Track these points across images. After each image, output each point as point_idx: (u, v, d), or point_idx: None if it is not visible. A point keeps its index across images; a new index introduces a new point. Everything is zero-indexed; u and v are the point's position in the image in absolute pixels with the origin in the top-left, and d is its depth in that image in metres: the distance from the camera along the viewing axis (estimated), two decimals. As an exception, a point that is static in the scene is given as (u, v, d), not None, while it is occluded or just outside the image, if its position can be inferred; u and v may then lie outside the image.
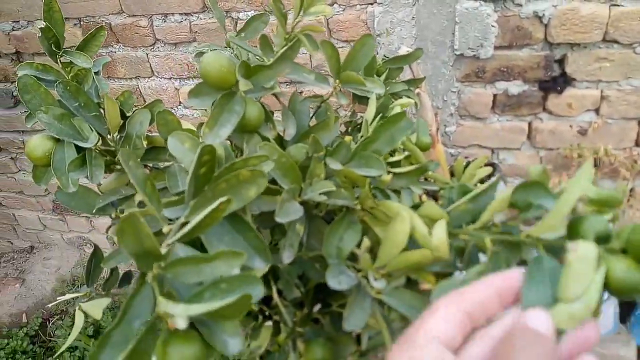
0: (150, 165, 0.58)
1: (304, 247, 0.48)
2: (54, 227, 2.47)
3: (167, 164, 0.57)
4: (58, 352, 0.96)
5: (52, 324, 2.25)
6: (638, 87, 1.33)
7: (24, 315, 2.30)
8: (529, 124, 1.51)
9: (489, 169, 0.73)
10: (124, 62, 1.80)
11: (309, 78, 0.50)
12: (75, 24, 1.76)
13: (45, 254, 2.58)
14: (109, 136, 0.54)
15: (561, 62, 1.36)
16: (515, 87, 1.42)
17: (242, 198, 0.37)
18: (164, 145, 0.56)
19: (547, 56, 1.35)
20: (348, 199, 0.44)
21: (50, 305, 0.81)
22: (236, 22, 1.58)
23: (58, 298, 0.68)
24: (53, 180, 0.56)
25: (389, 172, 0.47)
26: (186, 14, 1.61)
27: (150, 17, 1.66)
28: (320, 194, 0.43)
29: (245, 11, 1.56)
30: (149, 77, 1.82)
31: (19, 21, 1.79)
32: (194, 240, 0.36)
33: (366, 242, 0.42)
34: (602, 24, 1.25)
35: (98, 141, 0.52)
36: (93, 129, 0.52)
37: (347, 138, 0.50)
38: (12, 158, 2.22)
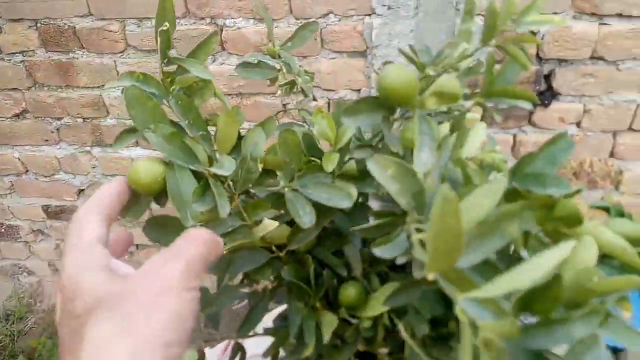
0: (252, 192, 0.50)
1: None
2: (-14, 253, 2.18)
3: (272, 188, 0.50)
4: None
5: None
6: (618, 101, 1.42)
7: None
8: (514, 137, 1.56)
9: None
10: (87, 70, 1.63)
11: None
12: (30, 26, 1.57)
13: (-26, 285, 2.27)
14: (216, 159, 0.46)
15: (548, 77, 1.42)
16: (507, 100, 1.46)
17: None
18: (279, 168, 0.49)
19: (537, 71, 1.41)
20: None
21: None
22: (221, 29, 1.49)
23: None
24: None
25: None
26: (166, 19, 1.50)
27: (123, 21, 1.52)
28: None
29: (232, 18, 1.47)
30: (116, 87, 1.66)
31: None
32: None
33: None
34: (591, 42, 1.32)
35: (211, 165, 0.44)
36: (206, 150, 0.44)
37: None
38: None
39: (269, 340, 0.59)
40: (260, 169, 0.47)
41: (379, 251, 0.34)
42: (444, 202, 0.24)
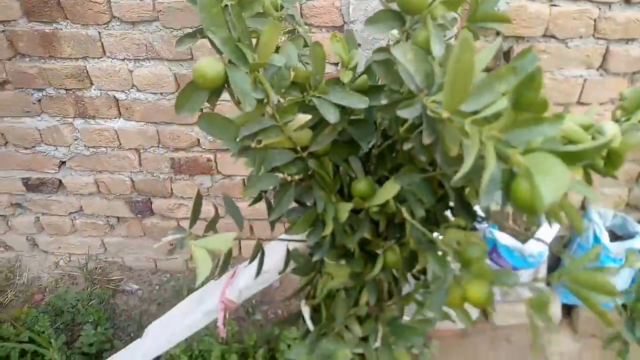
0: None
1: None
2: (-40, 230, 2.16)
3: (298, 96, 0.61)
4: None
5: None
6: (568, 76, 1.60)
7: None
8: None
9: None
10: (71, 41, 1.67)
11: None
12: (16, -5, 1.59)
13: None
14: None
15: (507, 53, 1.59)
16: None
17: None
18: (306, 80, 0.60)
19: (498, 48, 1.57)
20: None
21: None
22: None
23: (162, 239, 0.66)
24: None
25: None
26: (154, -9, 1.56)
27: (110, -8, 1.57)
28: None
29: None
30: (99, 58, 1.71)
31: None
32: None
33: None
34: (544, 21, 1.49)
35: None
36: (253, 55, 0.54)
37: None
38: None
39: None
40: (292, 77, 0.58)
41: (402, 112, 0.46)
42: (463, 40, 0.36)
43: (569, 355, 1.82)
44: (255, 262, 0.75)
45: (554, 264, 1.97)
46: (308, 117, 0.58)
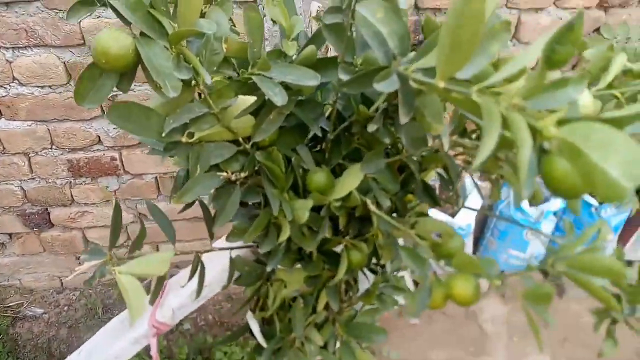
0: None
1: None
2: None
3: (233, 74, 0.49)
4: None
5: None
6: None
7: None
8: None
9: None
10: None
11: None
12: None
13: None
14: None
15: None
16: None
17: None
18: (242, 53, 0.49)
19: (416, 21, 1.54)
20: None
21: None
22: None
23: (76, 269, 0.52)
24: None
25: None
26: (28, -34, 1.32)
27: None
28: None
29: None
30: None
31: None
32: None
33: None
34: (459, -8, 1.47)
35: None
36: (171, 24, 0.42)
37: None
38: None
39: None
40: (224, 50, 0.46)
41: (380, 86, 0.37)
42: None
43: (499, 319, 1.89)
44: (195, 278, 0.62)
45: (478, 234, 2.03)
46: (252, 99, 0.47)
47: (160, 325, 0.81)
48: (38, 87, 1.48)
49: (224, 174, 0.48)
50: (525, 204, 1.82)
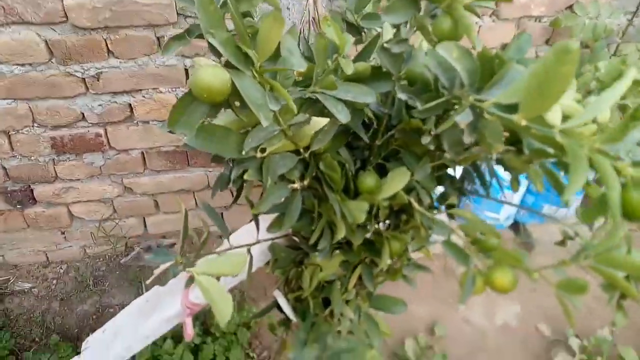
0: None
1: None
2: None
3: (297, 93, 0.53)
4: None
5: None
6: (463, 19, 1.66)
7: None
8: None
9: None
10: None
11: None
12: None
13: None
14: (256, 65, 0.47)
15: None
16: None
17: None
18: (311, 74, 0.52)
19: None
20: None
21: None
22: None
23: (154, 271, 0.56)
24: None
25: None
26: None
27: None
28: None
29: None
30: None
31: None
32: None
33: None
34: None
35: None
36: (255, 54, 0.45)
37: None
38: None
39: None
40: (295, 75, 0.50)
41: (459, 117, 0.42)
42: (560, 51, 0.33)
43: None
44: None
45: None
46: (325, 120, 0.51)
47: (194, 305, 0.87)
48: (18, 65, 1.43)
49: (293, 184, 0.53)
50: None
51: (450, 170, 0.69)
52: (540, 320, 1.87)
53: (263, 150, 0.52)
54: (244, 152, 0.49)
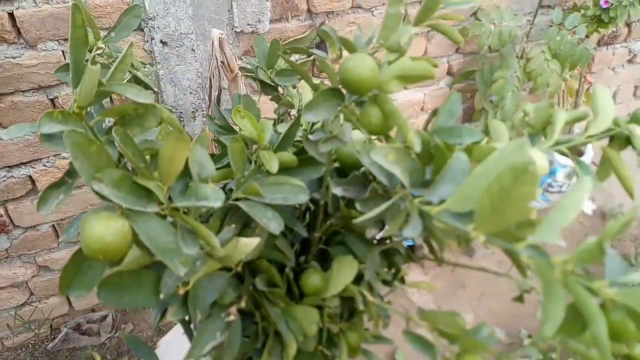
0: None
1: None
2: None
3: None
4: None
5: None
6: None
7: None
8: (300, 88, 1.67)
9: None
10: None
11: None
12: None
13: None
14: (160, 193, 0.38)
15: (321, 43, 1.56)
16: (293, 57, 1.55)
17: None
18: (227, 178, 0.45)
19: (311, 25, 1.52)
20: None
21: None
22: None
23: None
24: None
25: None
26: None
27: None
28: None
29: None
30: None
31: None
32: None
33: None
34: (350, -6, 1.49)
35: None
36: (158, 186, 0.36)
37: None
38: None
39: None
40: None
41: (407, 232, 0.37)
42: (518, 170, 0.28)
43: (423, 290, 2.04)
44: None
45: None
46: (255, 241, 0.43)
47: None
48: None
49: (229, 316, 0.45)
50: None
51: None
52: (493, 325, 1.89)
53: (187, 285, 0.43)
54: (161, 296, 0.40)
